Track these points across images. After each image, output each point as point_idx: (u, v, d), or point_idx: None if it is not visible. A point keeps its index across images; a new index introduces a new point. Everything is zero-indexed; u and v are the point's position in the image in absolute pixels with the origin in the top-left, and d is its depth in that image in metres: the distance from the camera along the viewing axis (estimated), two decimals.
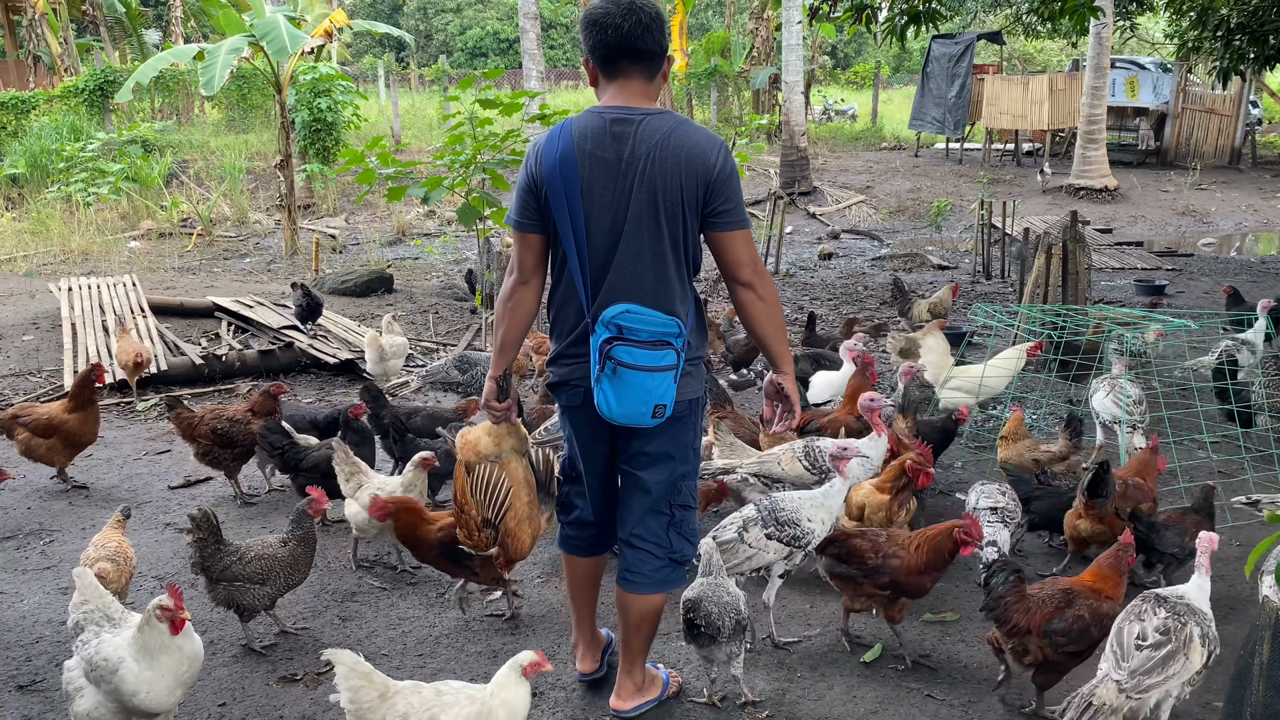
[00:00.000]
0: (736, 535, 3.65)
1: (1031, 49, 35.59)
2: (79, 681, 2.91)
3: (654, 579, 3.10)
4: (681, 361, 2.84)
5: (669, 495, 3.07)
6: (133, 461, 5.83)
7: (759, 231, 14.36)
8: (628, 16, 2.79)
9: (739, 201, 2.88)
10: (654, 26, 2.82)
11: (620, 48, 2.83)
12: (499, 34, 45.87)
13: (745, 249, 2.91)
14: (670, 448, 3.01)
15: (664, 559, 3.09)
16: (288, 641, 3.79)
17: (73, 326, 7.89)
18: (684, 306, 2.91)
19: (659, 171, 2.78)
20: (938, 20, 9.10)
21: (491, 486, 3.27)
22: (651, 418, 2.82)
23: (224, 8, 13.11)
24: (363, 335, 8.21)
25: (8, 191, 15.94)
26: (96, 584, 3.11)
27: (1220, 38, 9.92)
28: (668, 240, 2.85)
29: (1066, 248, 7.52)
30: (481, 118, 8.25)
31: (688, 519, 3.14)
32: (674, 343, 2.81)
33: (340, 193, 17.10)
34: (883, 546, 3.56)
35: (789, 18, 16.71)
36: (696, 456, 3.17)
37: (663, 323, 2.79)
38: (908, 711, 3.35)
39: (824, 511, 3.68)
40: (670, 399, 2.82)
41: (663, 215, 2.82)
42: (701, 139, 2.83)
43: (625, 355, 2.76)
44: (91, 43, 26.02)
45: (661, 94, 3.49)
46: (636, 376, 2.77)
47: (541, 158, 2.87)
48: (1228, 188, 18.68)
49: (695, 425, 3.08)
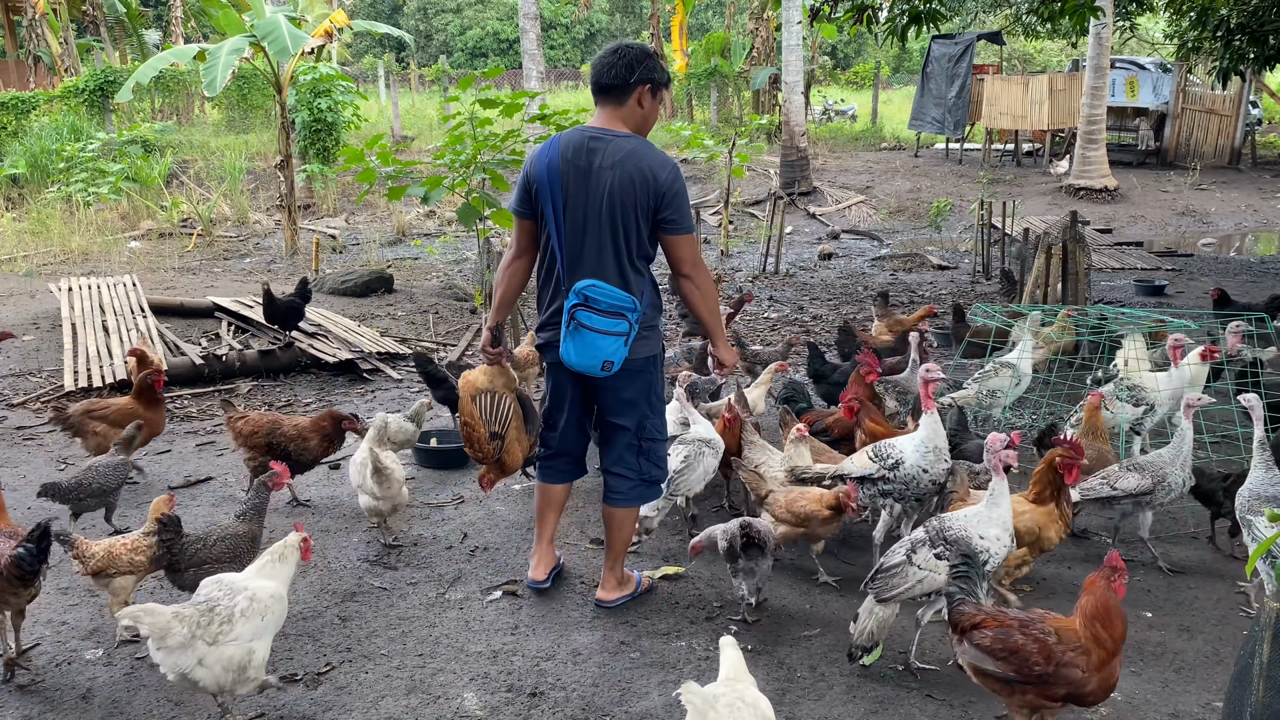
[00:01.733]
0: (904, 558, 3.46)
1: (1031, 49, 35.61)
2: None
3: (631, 495, 3.95)
4: (635, 329, 3.61)
5: (639, 432, 3.87)
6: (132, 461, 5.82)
7: (758, 231, 14.37)
8: (602, 59, 3.64)
9: (685, 212, 3.63)
10: (618, 65, 3.58)
11: (595, 83, 3.67)
12: (499, 34, 45.88)
13: (687, 249, 3.67)
14: (636, 395, 3.81)
15: (637, 480, 3.93)
16: (287, 642, 3.79)
17: (73, 327, 7.89)
18: (638, 287, 3.66)
19: (618, 182, 3.54)
20: (938, 20, 9.10)
21: (495, 407, 3.94)
22: (600, 370, 3.60)
23: (224, 8, 13.10)
24: (363, 335, 8.22)
25: (8, 191, 15.94)
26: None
27: (1220, 38, 9.93)
28: (621, 235, 3.59)
29: (1066, 248, 7.53)
30: (481, 118, 8.25)
31: (654, 449, 3.94)
32: (628, 315, 3.57)
33: (340, 193, 17.10)
34: (1055, 650, 2.83)
35: (789, 18, 16.71)
36: (660, 400, 3.96)
37: (621, 298, 3.55)
38: (908, 711, 3.35)
39: (995, 526, 3.42)
40: (618, 358, 3.59)
41: (619, 216, 3.57)
42: (655, 161, 3.57)
43: (585, 318, 3.54)
44: (92, 43, 26.02)
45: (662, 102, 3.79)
46: (592, 336, 3.55)
47: (535, 161, 3.68)
48: (1227, 188, 18.68)
49: (655, 376, 3.88)
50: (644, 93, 3.63)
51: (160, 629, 3.01)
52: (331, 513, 5.08)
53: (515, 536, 4.75)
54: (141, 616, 3.02)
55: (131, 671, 3.59)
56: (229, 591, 3.19)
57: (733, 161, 13.71)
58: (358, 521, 4.94)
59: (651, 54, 3.67)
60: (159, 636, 3.01)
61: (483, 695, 3.46)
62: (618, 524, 3.97)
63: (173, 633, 3.02)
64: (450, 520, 4.98)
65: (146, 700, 3.41)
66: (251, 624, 3.13)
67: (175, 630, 3.03)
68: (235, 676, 3.10)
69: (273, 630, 3.24)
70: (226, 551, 3.71)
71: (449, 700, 3.43)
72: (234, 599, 3.15)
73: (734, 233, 14.97)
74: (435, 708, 3.39)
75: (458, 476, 5.53)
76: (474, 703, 3.41)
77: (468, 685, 3.52)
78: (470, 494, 5.29)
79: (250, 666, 3.12)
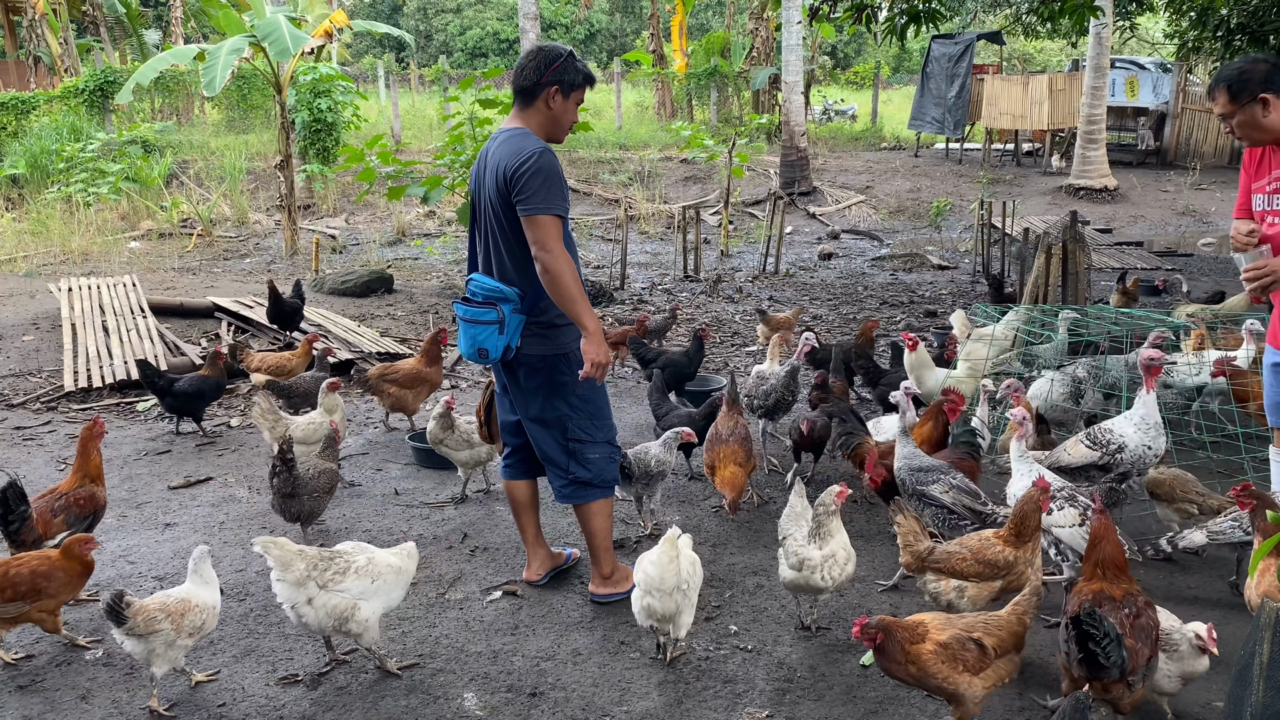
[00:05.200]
0: None
1: (1031, 49, 35.60)
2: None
3: (562, 494, 4.01)
4: (513, 321, 3.70)
5: (561, 431, 3.89)
6: (133, 461, 5.83)
7: (758, 232, 14.37)
8: (520, 61, 3.80)
9: (534, 192, 3.57)
10: (529, 67, 3.71)
11: (514, 84, 3.83)
12: (499, 34, 45.85)
13: (536, 231, 3.58)
14: (541, 391, 3.83)
15: (566, 479, 3.96)
16: (287, 642, 3.79)
17: (73, 327, 7.90)
18: (524, 276, 3.70)
19: (490, 174, 3.72)
20: (938, 20, 9.10)
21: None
22: (478, 358, 3.77)
23: (224, 8, 13.09)
24: (363, 335, 8.22)
25: (8, 192, 15.94)
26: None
27: (1220, 38, 9.93)
28: (502, 225, 3.71)
29: (1066, 248, 7.53)
30: (481, 118, 8.26)
31: (582, 450, 3.92)
32: (501, 306, 3.67)
33: (340, 193, 17.10)
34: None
35: (789, 18, 16.71)
36: (584, 402, 3.89)
37: (492, 287, 3.69)
38: (908, 711, 3.35)
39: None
40: (492, 346, 3.70)
41: (495, 206, 3.71)
42: (514, 146, 3.65)
43: (461, 310, 3.77)
44: (91, 43, 26.02)
45: (662, 94, 3.94)
46: (466, 326, 3.76)
47: (473, 171, 3.96)
48: (1227, 188, 18.65)
49: (565, 375, 3.81)
50: (552, 94, 3.71)
51: (284, 561, 3.36)
52: (331, 514, 5.07)
53: (515, 537, 4.74)
54: (271, 547, 3.37)
55: (131, 672, 3.59)
56: (356, 549, 3.55)
57: (733, 161, 13.72)
58: (358, 522, 4.94)
59: (567, 56, 3.71)
60: (282, 567, 3.35)
61: (483, 695, 3.46)
62: (581, 520, 4.05)
63: (293, 567, 3.35)
64: (450, 520, 4.98)
65: (147, 700, 3.41)
66: (361, 583, 3.42)
67: (296, 566, 3.36)
68: (335, 624, 3.39)
69: (382, 599, 3.49)
70: (327, 484, 4.52)
71: (449, 700, 3.43)
72: (355, 558, 3.48)
73: (734, 233, 14.97)
74: (435, 708, 3.39)
75: (457, 476, 5.53)
76: (474, 703, 3.41)
77: (468, 685, 3.52)
78: (470, 494, 5.29)
79: (351, 621, 3.39)
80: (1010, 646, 3.02)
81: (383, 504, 5.18)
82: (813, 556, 3.60)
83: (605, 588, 4.08)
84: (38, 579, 3.51)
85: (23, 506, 3.88)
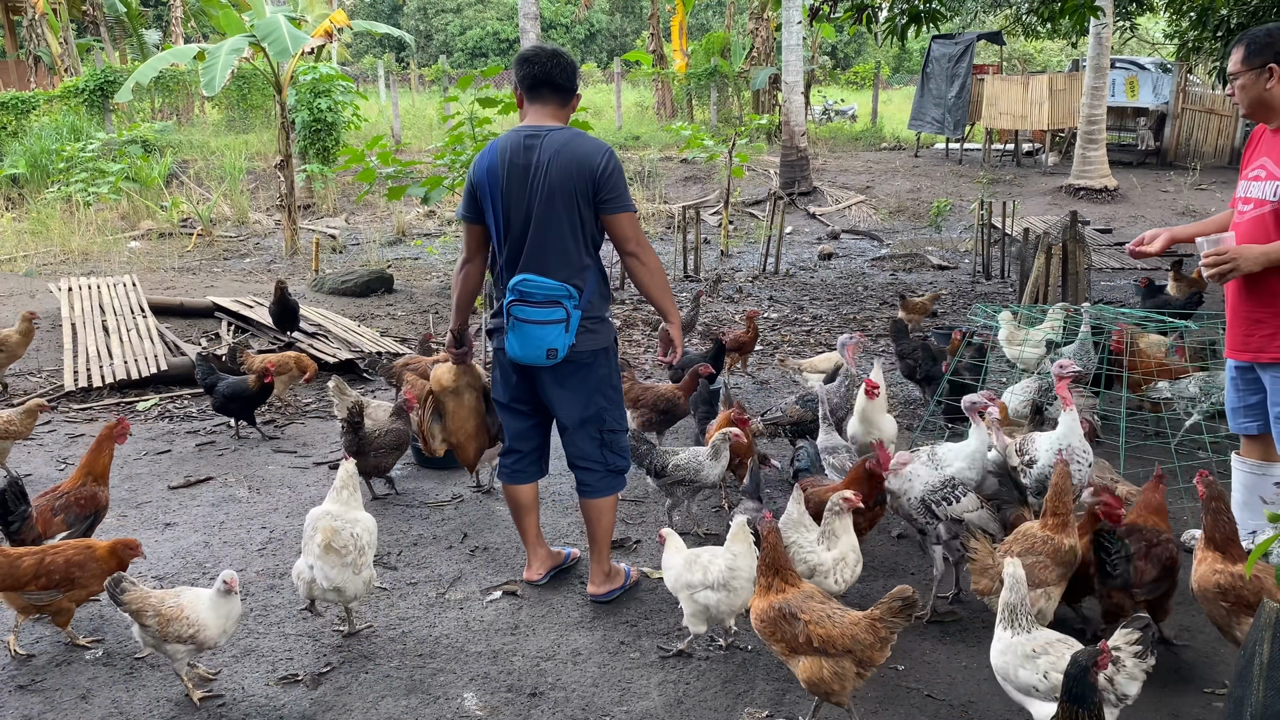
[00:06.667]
0: None
1: (1031, 49, 35.61)
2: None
3: (599, 487, 4.02)
4: (575, 317, 3.69)
5: (599, 425, 3.93)
6: (133, 461, 5.83)
7: (758, 232, 14.37)
8: (552, 58, 3.77)
9: (622, 191, 3.70)
10: (571, 70, 3.78)
11: (544, 79, 3.75)
12: (499, 34, 45.86)
13: (629, 228, 3.74)
14: (586, 388, 3.86)
15: (604, 471, 4.01)
16: (287, 642, 3.80)
17: (73, 327, 7.89)
18: (581, 276, 3.73)
19: (558, 172, 3.64)
20: (938, 20, 9.10)
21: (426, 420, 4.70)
22: (546, 359, 3.70)
23: (224, 8, 13.10)
24: (363, 335, 8.21)
25: (8, 191, 15.94)
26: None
27: (1220, 38, 9.92)
28: (566, 224, 3.67)
29: (1066, 248, 7.53)
30: (481, 117, 8.26)
31: (616, 439, 4.01)
32: (564, 303, 3.66)
33: (340, 193, 17.10)
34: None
35: (789, 18, 16.71)
36: (616, 392, 4.00)
37: (553, 287, 3.65)
38: (908, 711, 3.35)
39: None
40: (561, 345, 3.68)
41: (560, 205, 3.65)
42: (589, 146, 3.68)
43: (520, 312, 3.68)
44: (91, 43, 26.03)
45: (662, 94, 3.93)
46: (530, 328, 3.68)
47: (477, 166, 3.80)
48: (1228, 188, 18.64)
49: (609, 369, 3.92)
50: (577, 100, 3.93)
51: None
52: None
53: (515, 536, 4.74)
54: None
55: (131, 671, 3.59)
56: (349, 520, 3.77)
57: (733, 161, 13.72)
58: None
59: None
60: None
61: (483, 695, 3.46)
62: (594, 516, 4.05)
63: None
64: (450, 520, 4.99)
65: (146, 700, 3.41)
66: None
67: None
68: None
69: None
70: (393, 441, 5.05)
71: (449, 700, 3.43)
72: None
73: (734, 233, 14.97)
74: (435, 708, 3.39)
75: (458, 476, 5.53)
76: (474, 703, 3.42)
77: (468, 685, 3.52)
78: (470, 494, 5.29)
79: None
80: (843, 650, 2.94)
81: (383, 504, 5.18)
82: (824, 561, 3.58)
83: (605, 585, 4.09)
84: (72, 568, 3.56)
85: (23, 506, 3.88)
